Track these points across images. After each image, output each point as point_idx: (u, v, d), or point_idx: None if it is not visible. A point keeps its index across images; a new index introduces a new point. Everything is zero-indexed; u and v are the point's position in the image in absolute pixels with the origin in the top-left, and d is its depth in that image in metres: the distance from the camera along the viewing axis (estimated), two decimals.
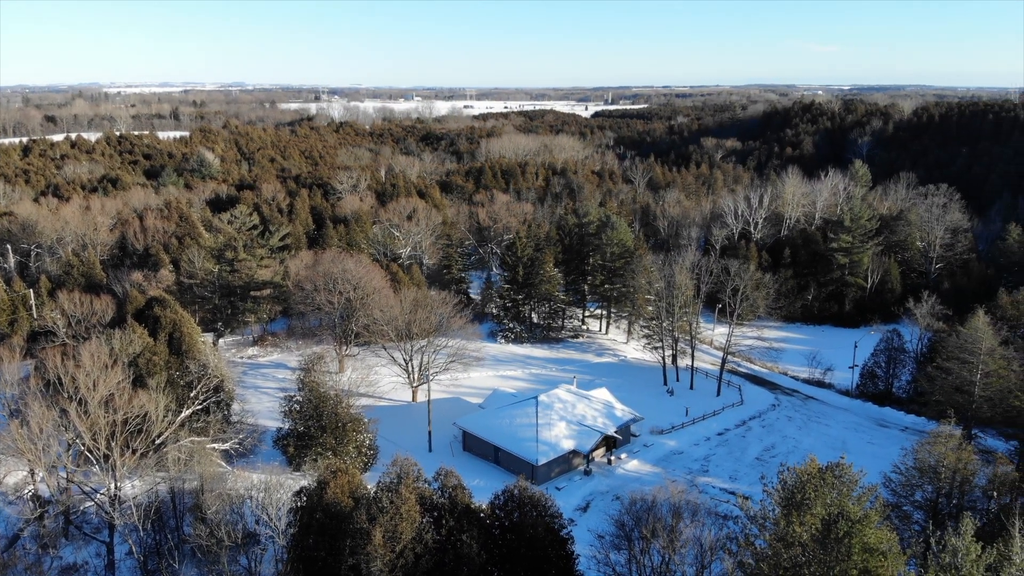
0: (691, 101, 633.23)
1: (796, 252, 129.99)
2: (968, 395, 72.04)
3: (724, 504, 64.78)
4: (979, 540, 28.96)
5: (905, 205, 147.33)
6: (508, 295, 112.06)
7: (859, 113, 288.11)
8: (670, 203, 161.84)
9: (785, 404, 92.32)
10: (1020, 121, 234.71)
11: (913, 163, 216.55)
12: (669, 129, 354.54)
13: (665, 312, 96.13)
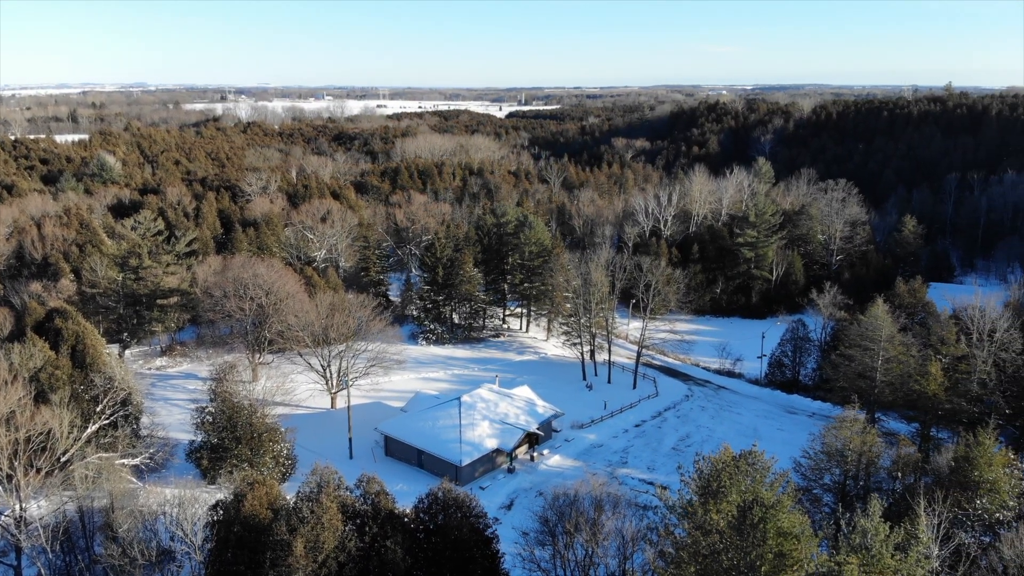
0: (601, 102, 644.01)
1: (704, 247, 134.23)
2: (870, 380, 75.95)
3: (644, 495, 66.32)
4: (886, 520, 30.66)
5: (806, 200, 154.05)
6: (428, 296, 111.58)
7: (761, 112, 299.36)
8: (584, 202, 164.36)
9: (698, 394, 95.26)
10: (913, 118, 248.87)
11: (813, 159, 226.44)
12: (581, 130, 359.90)
13: (583, 309, 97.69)
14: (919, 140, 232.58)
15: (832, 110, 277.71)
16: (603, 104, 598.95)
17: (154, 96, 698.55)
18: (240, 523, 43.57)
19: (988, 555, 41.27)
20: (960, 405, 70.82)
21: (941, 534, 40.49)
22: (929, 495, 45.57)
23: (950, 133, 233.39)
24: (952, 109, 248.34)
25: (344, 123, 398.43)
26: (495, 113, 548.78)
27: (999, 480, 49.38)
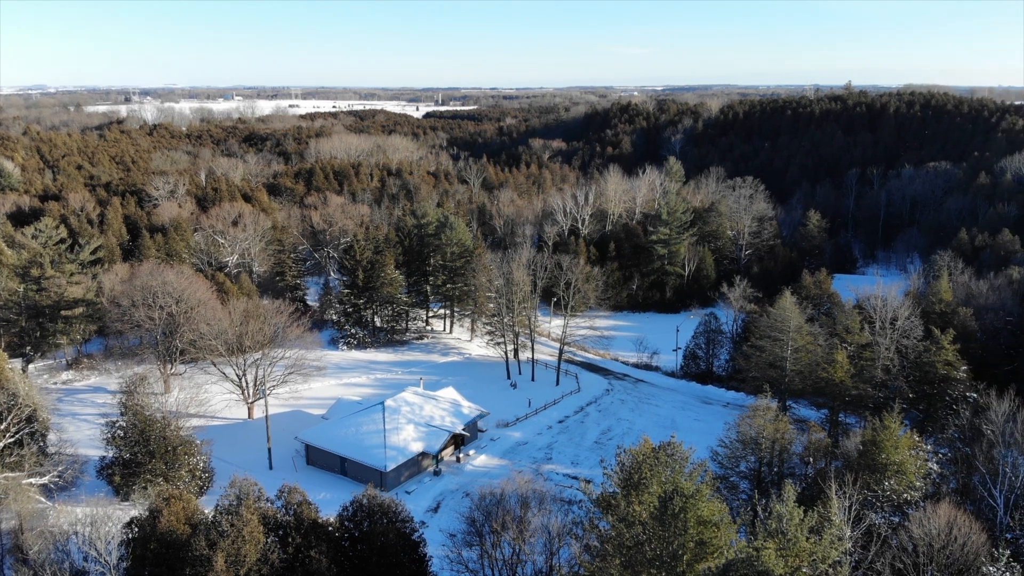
0: (518, 103, 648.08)
1: (620, 245, 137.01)
2: (781, 370, 78.95)
3: (568, 489, 67.22)
4: (801, 505, 31.97)
5: (716, 197, 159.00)
6: (348, 300, 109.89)
7: (672, 112, 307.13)
8: (504, 202, 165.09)
9: (618, 388, 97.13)
10: (815, 116, 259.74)
11: (722, 158, 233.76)
12: (499, 130, 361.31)
13: (505, 308, 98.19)
14: (822, 137, 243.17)
15: (739, 110, 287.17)
16: (520, 105, 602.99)
17: (54, 99, 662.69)
18: (157, 540, 42.03)
19: (898, 534, 43.40)
20: (866, 391, 74.36)
21: (853, 516, 42.47)
22: (840, 478, 47.75)
23: (850, 130, 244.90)
24: (852, 107, 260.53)
25: (255, 124, 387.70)
26: (412, 113, 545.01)
27: (905, 462, 52.05)
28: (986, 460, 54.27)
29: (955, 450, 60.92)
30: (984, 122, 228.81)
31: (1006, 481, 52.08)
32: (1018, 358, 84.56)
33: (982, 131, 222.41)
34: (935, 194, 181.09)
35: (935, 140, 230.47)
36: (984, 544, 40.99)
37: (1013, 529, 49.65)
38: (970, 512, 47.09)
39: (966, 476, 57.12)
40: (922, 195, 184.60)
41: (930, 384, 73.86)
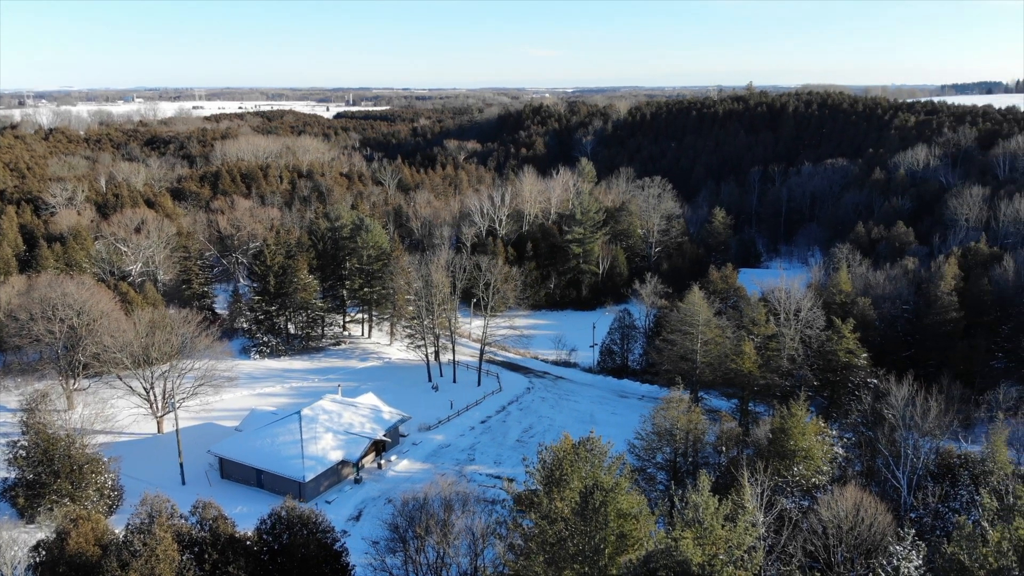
0: (431, 104, 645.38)
1: (537, 245, 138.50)
2: (692, 362, 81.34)
3: (492, 489, 67.46)
4: (715, 493, 33.06)
5: (626, 197, 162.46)
6: (260, 307, 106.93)
7: (582, 114, 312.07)
8: (421, 204, 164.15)
9: (538, 386, 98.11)
10: (719, 116, 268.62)
11: (631, 158, 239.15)
12: (413, 131, 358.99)
13: (425, 311, 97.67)
14: (725, 137, 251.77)
15: (646, 111, 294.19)
16: (433, 106, 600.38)
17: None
18: (66, 563, 40.06)
19: (808, 518, 45.31)
20: (773, 380, 77.41)
21: (765, 502, 44.19)
22: (751, 466, 49.60)
23: (752, 130, 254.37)
24: (754, 107, 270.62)
25: (157, 126, 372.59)
26: (322, 114, 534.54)
27: (812, 447, 54.46)
28: (888, 443, 57.30)
29: (859, 434, 64.04)
30: (878, 120, 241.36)
31: (908, 463, 55.17)
32: (915, 344, 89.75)
33: (876, 128, 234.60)
34: (833, 190, 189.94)
35: (832, 138, 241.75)
36: (890, 524, 43.28)
37: (917, 508, 52.57)
38: (875, 494, 49.69)
39: (870, 459, 60.20)
40: (821, 191, 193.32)
41: (833, 372, 77.52)
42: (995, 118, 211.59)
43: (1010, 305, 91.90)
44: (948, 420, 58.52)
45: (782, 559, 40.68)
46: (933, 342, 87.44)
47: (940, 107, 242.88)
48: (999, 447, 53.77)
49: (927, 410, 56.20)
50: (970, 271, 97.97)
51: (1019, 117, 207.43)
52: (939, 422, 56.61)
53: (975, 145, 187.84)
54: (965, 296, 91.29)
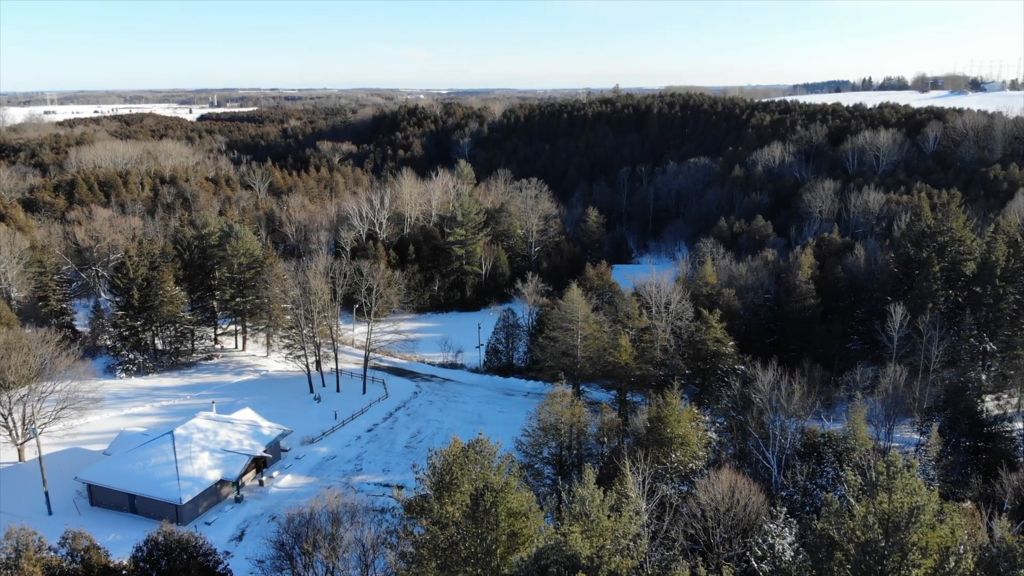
0: (302, 104, 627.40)
1: (419, 248, 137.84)
2: (573, 357, 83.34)
3: (381, 498, 66.62)
4: (600, 484, 34.07)
5: (505, 198, 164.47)
6: (124, 322, 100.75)
7: (458, 116, 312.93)
8: (295, 208, 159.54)
9: (425, 390, 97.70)
10: (589, 119, 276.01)
11: (508, 160, 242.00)
12: (284, 133, 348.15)
13: (304, 319, 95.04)
14: (595, 138, 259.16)
15: (520, 113, 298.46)
16: (304, 107, 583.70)
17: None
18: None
19: (687, 502, 47.40)
20: (648, 370, 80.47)
21: (646, 489, 45.89)
22: (632, 455, 51.37)
23: (620, 131, 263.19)
24: (621, 109, 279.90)
25: (6, 133, 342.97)
26: (185, 116, 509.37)
27: (688, 434, 56.99)
28: (758, 426, 60.73)
29: (730, 419, 67.50)
30: (736, 119, 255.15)
31: (776, 444, 58.67)
32: (777, 331, 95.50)
33: (735, 127, 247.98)
34: (697, 187, 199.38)
35: (695, 137, 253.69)
36: (763, 503, 45.92)
37: (787, 487, 55.98)
38: (748, 475, 52.58)
39: (742, 442, 63.60)
40: (685, 189, 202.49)
41: (703, 360, 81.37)
42: (843, 115, 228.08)
43: (862, 290, 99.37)
44: (811, 401, 62.68)
45: (665, 544, 42.41)
46: (794, 328, 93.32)
47: (793, 106, 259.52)
48: (859, 424, 58.10)
49: (791, 393, 59.93)
50: (825, 260, 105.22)
51: (865, 114, 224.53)
52: (803, 403, 60.47)
53: (826, 141, 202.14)
54: (821, 284, 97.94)
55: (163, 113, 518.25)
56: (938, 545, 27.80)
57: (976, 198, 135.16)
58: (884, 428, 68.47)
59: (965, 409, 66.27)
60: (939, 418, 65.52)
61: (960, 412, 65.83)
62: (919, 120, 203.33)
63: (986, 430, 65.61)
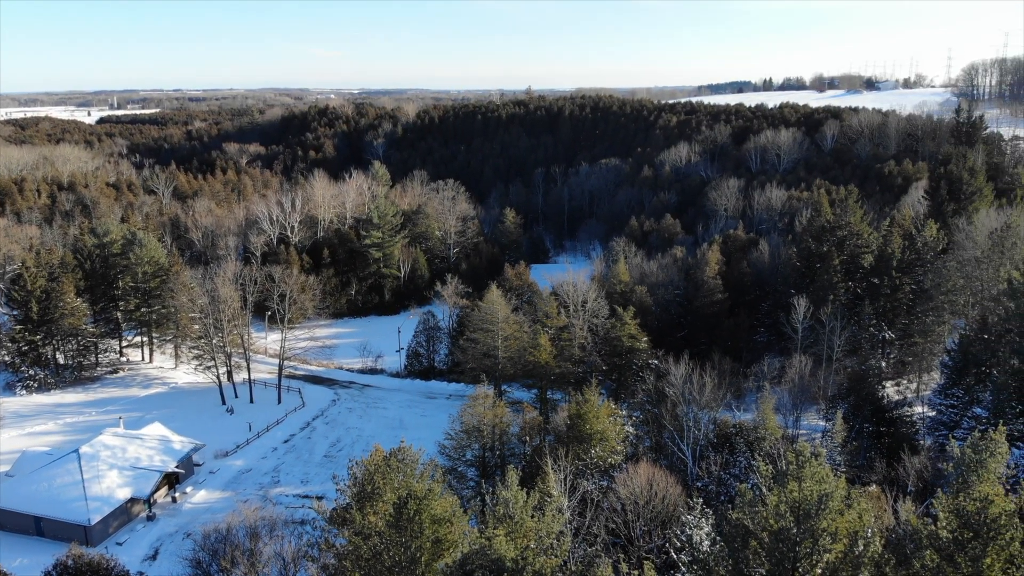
0: (207, 105, 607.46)
1: (334, 251, 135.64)
2: (494, 358, 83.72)
3: (300, 510, 65.42)
4: (523, 483, 34.41)
5: (422, 200, 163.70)
6: (23, 337, 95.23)
7: (371, 117, 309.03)
8: (201, 212, 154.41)
9: (344, 397, 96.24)
10: (503, 120, 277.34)
11: (423, 161, 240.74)
12: (188, 135, 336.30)
13: (213, 328, 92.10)
14: (510, 140, 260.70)
15: (434, 115, 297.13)
16: (209, 108, 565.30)
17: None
18: None
19: (608, 497, 48.45)
20: (567, 368, 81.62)
21: (568, 486, 46.66)
22: (554, 452, 52.13)
23: (534, 133, 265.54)
24: (534, 111, 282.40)
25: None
26: (83, 119, 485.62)
27: (607, 429, 58.15)
28: (672, 418, 62.51)
29: (646, 412, 69.23)
30: (644, 120, 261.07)
31: (691, 435, 60.55)
32: (688, 325, 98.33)
33: (643, 129, 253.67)
34: (609, 187, 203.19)
35: (605, 139, 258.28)
36: (680, 495, 47.35)
37: (702, 478, 57.85)
38: (665, 467, 54.13)
39: (658, 435, 65.35)
40: (598, 189, 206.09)
41: (619, 356, 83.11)
42: (746, 115, 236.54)
43: (767, 284, 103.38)
44: (721, 393, 64.91)
45: (587, 540, 43.23)
46: (703, 322, 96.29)
47: (698, 107, 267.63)
48: (768, 414, 60.53)
49: (703, 385, 61.95)
50: (731, 256, 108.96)
51: (767, 114, 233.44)
52: (714, 395, 62.59)
53: (730, 141, 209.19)
54: (728, 279, 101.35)
55: (60, 116, 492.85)
56: (847, 530, 29.19)
57: (872, 193, 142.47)
58: (792, 416, 71.50)
59: (867, 396, 69.78)
60: (843, 405, 68.66)
61: (862, 399, 69.23)
62: (817, 119, 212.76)
63: (887, 415, 69.18)
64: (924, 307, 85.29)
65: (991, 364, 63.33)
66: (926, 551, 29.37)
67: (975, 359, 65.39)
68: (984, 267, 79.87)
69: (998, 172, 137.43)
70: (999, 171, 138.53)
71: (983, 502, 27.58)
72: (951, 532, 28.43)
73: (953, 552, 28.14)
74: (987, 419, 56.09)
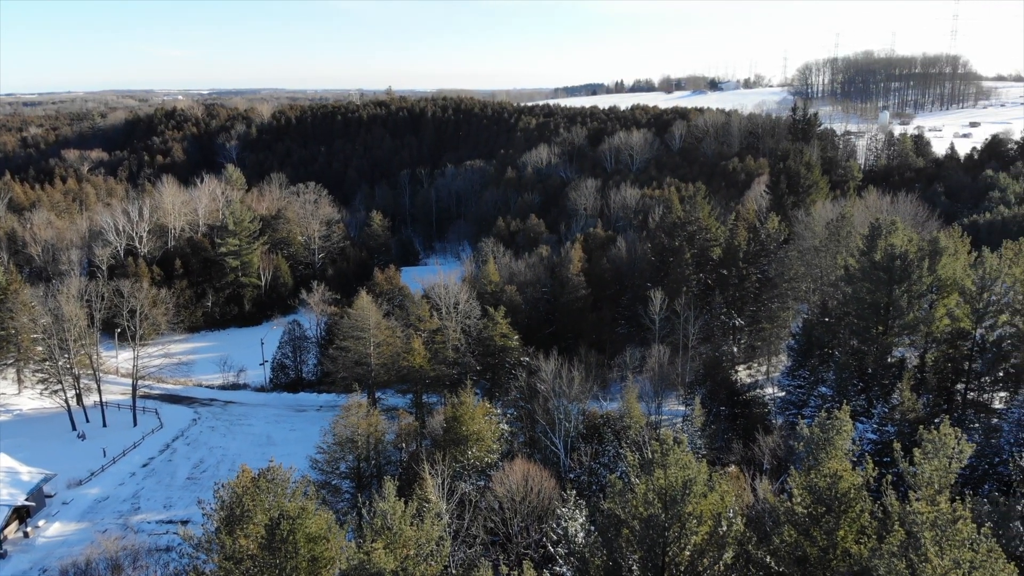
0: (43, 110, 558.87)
1: (188, 261, 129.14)
2: (367, 366, 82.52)
3: (165, 536, 62.13)
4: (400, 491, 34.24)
5: (282, 204, 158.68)
6: None
7: (223, 118, 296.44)
8: (40, 225, 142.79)
9: (206, 415, 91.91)
10: (364, 121, 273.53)
11: (281, 163, 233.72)
12: (23, 142, 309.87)
13: (58, 349, 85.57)
14: (372, 141, 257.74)
15: (291, 115, 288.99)
16: (46, 112, 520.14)
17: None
18: None
19: (485, 496, 49.02)
20: (442, 371, 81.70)
21: (447, 490, 46.88)
22: (431, 457, 52.19)
23: (397, 134, 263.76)
24: (396, 112, 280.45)
25: None
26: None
27: (482, 429, 58.72)
28: (544, 413, 64.01)
29: (519, 409, 70.47)
30: (505, 123, 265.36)
31: (562, 428, 62.28)
32: (556, 322, 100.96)
33: (505, 131, 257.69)
34: (475, 188, 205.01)
35: (469, 140, 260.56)
36: (555, 488, 48.62)
37: (574, 469, 59.61)
38: (539, 462, 55.40)
39: (531, 430, 66.71)
40: (464, 190, 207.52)
41: (492, 355, 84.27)
42: (600, 117, 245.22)
43: (626, 279, 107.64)
44: (589, 385, 67.23)
45: (467, 541, 43.66)
46: (569, 318, 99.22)
47: (556, 109, 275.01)
48: (632, 403, 63.17)
49: (572, 379, 63.90)
50: (592, 253, 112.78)
51: (620, 116, 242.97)
52: (582, 388, 64.70)
53: (586, 142, 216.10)
54: (590, 275, 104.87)
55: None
56: (711, 512, 31.00)
57: (718, 189, 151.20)
58: (654, 404, 74.99)
59: (722, 380, 74.28)
60: (700, 391, 72.60)
61: (718, 383, 73.60)
62: (666, 120, 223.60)
63: (741, 398, 73.94)
64: (770, 294, 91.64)
65: (833, 345, 68.94)
66: (784, 527, 31.68)
67: (818, 341, 70.99)
68: (823, 255, 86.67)
69: (832, 166, 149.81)
70: (833, 165, 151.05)
71: (833, 478, 30.07)
72: (806, 508, 30.84)
73: (809, 526, 30.54)
74: (831, 397, 60.88)
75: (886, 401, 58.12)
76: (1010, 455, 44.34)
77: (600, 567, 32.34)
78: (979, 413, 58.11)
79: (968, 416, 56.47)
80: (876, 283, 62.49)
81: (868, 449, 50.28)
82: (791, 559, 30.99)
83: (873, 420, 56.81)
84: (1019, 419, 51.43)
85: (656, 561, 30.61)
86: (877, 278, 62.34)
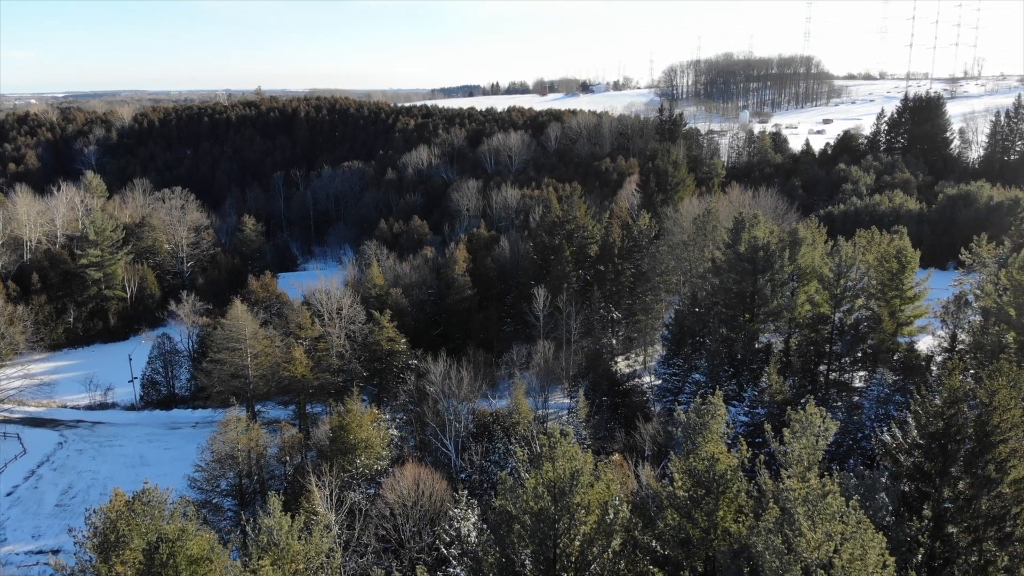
0: None
1: (46, 276, 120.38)
2: (244, 378, 79.36)
3: (35, 567, 58.04)
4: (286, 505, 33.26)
5: (146, 211, 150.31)
6: None
7: (80, 122, 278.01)
8: None
9: (72, 438, 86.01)
10: (233, 122, 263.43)
11: (145, 168, 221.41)
12: None
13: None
14: (242, 142, 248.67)
15: (154, 117, 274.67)
16: None
17: None
18: None
19: (376, 504, 48.34)
20: (326, 379, 79.78)
21: (335, 500, 45.94)
22: (317, 469, 51.02)
23: (268, 135, 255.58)
24: (266, 112, 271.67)
25: None
26: None
27: (371, 436, 57.81)
28: (434, 415, 63.82)
29: (408, 412, 69.99)
30: (383, 123, 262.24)
31: (452, 428, 62.33)
32: (443, 323, 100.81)
33: (383, 131, 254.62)
34: (354, 190, 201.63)
35: (346, 141, 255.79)
36: (446, 489, 48.57)
37: (465, 469, 59.74)
38: (430, 464, 55.20)
39: (421, 433, 66.41)
40: (343, 192, 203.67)
41: (379, 360, 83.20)
42: (479, 119, 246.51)
43: (510, 278, 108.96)
44: (478, 384, 67.54)
45: (358, 551, 43.02)
46: (456, 318, 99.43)
47: (434, 110, 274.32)
48: (520, 399, 64.05)
49: (461, 379, 64.13)
50: (476, 253, 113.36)
51: (497, 117, 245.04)
52: (472, 387, 65.00)
53: (466, 144, 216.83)
54: (475, 275, 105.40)
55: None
56: (598, 501, 31.93)
57: (593, 189, 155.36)
58: (541, 398, 76.29)
59: (603, 372, 76.52)
60: (584, 383, 74.49)
61: (600, 375, 75.77)
62: (542, 122, 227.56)
63: (621, 388, 76.47)
64: (643, 288, 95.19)
65: (704, 334, 72.43)
66: (667, 511, 33.08)
67: (690, 331, 74.41)
68: (691, 249, 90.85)
69: (697, 164, 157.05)
70: (698, 163, 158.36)
71: (710, 461, 31.62)
72: (687, 491, 32.30)
73: (690, 509, 32.01)
74: (705, 383, 63.95)
75: (755, 385, 61.68)
76: (872, 431, 47.93)
77: (493, 564, 32.70)
78: (841, 392, 62.75)
79: (831, 395, 60.85)
80: (741, 274, 66.23)
81: (741, 431, 53.09)
82: (675, 541, 32.39)
83: (744, 403, 60.18)
84: (878, 396, 55.94)
85: (548, 554, 31.26)
86: (742, 269, 66.07)
